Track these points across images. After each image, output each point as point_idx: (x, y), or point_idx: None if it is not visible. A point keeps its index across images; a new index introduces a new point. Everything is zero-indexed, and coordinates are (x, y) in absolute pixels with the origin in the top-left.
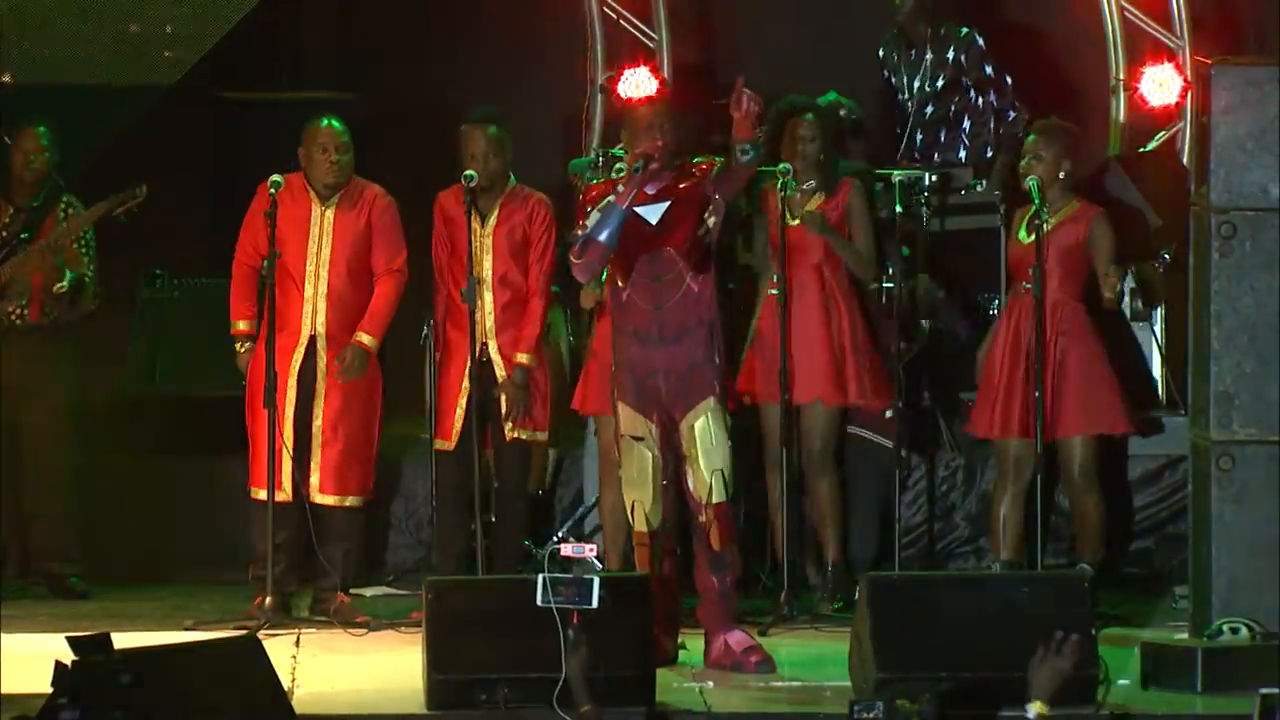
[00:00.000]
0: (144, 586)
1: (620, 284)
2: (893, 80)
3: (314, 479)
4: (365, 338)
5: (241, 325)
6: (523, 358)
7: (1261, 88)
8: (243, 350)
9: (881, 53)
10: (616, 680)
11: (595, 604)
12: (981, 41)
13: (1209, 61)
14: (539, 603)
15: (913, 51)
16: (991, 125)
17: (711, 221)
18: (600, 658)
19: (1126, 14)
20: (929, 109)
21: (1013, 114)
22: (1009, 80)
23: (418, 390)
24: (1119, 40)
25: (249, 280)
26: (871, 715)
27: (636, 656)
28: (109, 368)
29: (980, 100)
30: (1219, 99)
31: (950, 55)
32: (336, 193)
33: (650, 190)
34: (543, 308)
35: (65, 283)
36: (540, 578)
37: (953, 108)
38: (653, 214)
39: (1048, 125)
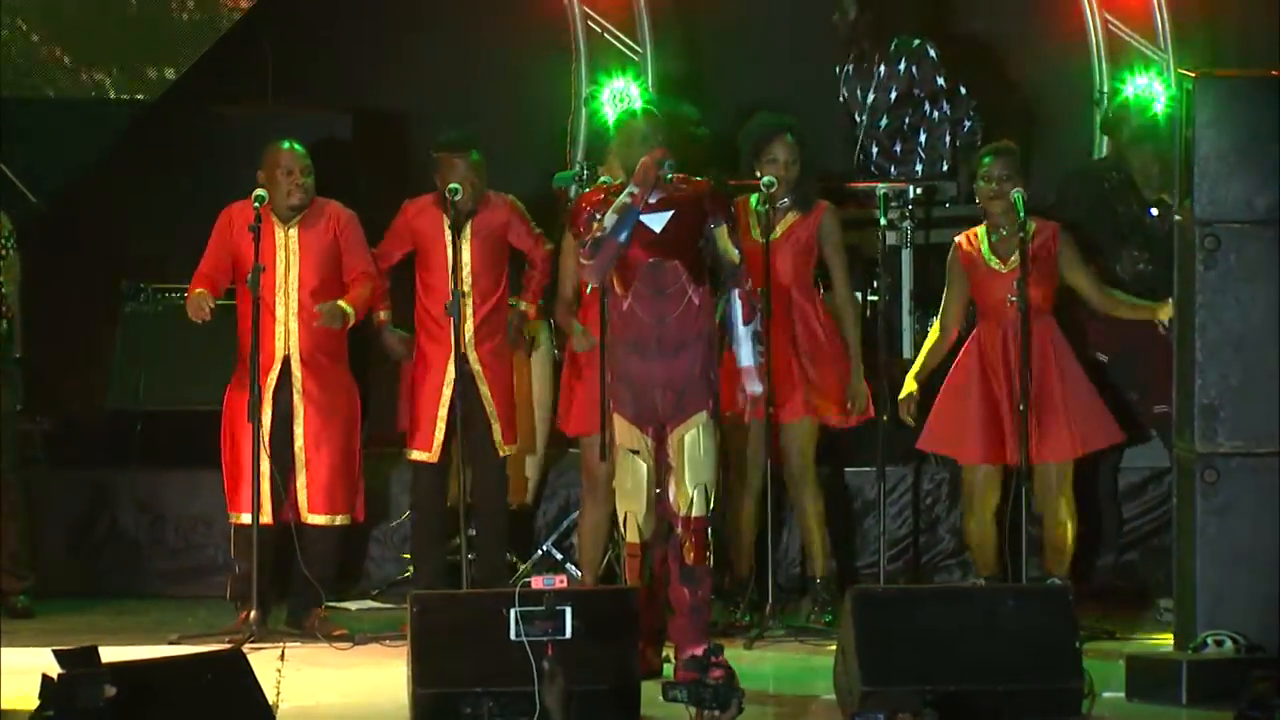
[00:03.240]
0: (125, 600)
1: (621, 294)
2: (844, 94)
3: (302, 499)
4: (346, 305)
5: (199, 289)
6: (525, 306)
7: (1245, 100)
8: (195, 294)
9: (838, 68)
10: (600, 694)
11: (569, 635)
12: (934, 53)
13: (1192, 74)
14: (512, 638)
15: (865, 65)
16: (948, 138)
17: (703, 243)
18: (585, 671)
19: (1110, 26)
20: (883, 122)
21: (968, 124)
22: (963, 90)
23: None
24: (1102, 51)
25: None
26: None
27: (620, 670)
28: (93, 381)
29: (935, 113)
30: (1202, 111)
31: (901, 67)
32: (299, 213)
33: (652, 199)
34: (547, 267)
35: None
36: (513, 613)
37: (906, 120)
38: (656, 222)
39: (1003, 148)
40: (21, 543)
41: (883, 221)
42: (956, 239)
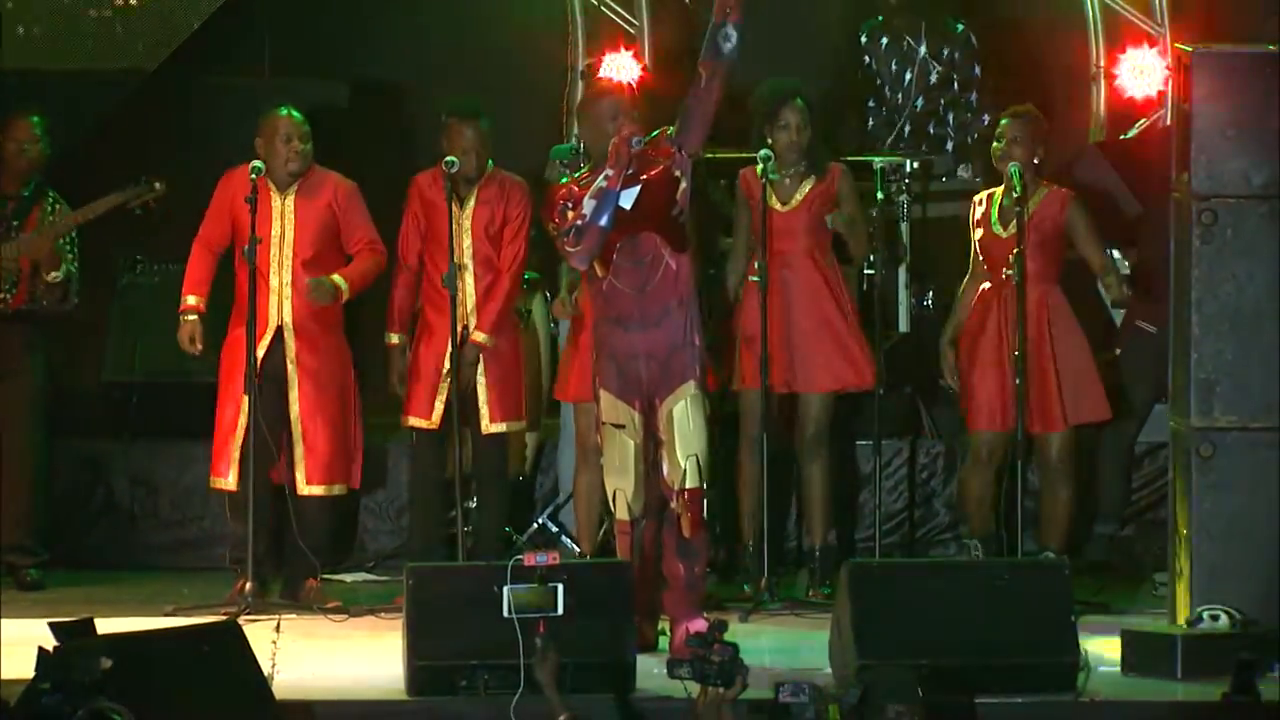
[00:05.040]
0: (120, 572)
1: (600, 273)
2: (874, 67)
3: (300, 471)
4: (339, 279)
5: (191, 300)
6: (478, 336)
7: (1242, 74)
8: (187, 321)
9: (865, 39)
10: (596, 667)
11: (560, 611)
12: (974, 40)
13: (1190, 48)
14: (504, 615)
15: (904, 42)
16: (970, 124)
17: (681, 188)
18: (580, 645)
19: (1107, 1)
20: (919, 102)
21: (987, 117)
22: (989, 85)
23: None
24: (1100, 27)
25: (205, 262)
26: (794, 697)
27: (615, 643)
28: (88, 353)
29: (964, 99)
30: (1200, 86)
31: (945, 52)
32: (296, 181)
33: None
34: (509, 287)
35: (60, 272)
36: (505, 590)
37: (942, 102)
38: (627, 199)
39: (1023, 111)
40: (34, 517)
41: (880, 196)
42: (976, 196)
